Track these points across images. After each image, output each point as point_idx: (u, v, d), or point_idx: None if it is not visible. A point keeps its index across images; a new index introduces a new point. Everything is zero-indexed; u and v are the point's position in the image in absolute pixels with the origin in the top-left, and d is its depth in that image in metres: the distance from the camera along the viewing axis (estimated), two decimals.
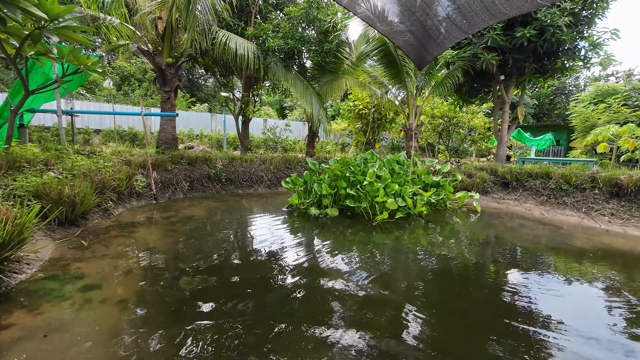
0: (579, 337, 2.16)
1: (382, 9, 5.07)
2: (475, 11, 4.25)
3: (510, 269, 3.42)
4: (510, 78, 9.13)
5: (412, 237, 4.58)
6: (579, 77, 20.95)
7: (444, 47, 5.60)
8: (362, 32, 8.77)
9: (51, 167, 4.64)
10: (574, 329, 2.25)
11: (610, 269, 3.50)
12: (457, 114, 12.64)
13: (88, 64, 4.59)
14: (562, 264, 3.67)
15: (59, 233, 3.67)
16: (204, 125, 18.25)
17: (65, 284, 2.60)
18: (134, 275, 2.83)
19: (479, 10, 4.24)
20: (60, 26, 4.10)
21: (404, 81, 9.50)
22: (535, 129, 18.45)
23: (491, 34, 7.83)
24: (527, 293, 2.82)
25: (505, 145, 9.72)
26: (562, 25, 7.23)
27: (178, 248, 3.64)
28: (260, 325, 2.14)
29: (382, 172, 5.88)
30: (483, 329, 2.25)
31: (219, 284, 2.75)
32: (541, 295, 2.78)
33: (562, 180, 6.63)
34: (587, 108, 13.18)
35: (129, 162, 6.14)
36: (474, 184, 7.76)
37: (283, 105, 30.02)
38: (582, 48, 8.28)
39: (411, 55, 6.22)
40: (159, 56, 7.29)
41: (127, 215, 4.97)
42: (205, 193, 7.09)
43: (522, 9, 4.09)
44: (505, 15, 4.22)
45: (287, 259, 3.42)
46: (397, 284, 2.96)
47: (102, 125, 14.67)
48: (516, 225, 5.57)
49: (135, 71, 22.29)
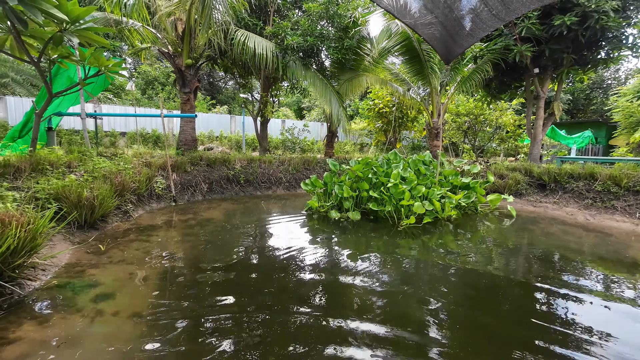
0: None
1: (405, 2, 4.74)
2: None
3: (550, 283, 3.00)
4: (546, 71, 8.44)
5: (440, 245, 4.21)
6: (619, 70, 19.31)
7: (476, 38, 5.14)
8: (385, 27, 8.40)
9: (73, 169, 4.66)
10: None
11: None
12: (483, 111, 11.93)
13: (109, 66, 4.59)
14: (618, 279, 3.18)
15: (78, 236, 3.63)
16: (223, 126, 18.47)
17: (78, 292, 2.49)
18: (150, 284, 2.68)
19: None
20: (81, 28, 4.10)
21: (427, 77, 9.04)
22: (569, 125, 17.17)
23: (526, 23, 7.23)
24: (572, 312, 2.42)
25: (539, 143, 9.01)
26: (609, 10, 6.54)
27: (195, 254, 3.50)
28: (280, 345, 1.90)
29: (407, 174, 5.52)
30: (515, 348, 1.89)
31: (236, 295, 2.54)
32: (587, 316, 2.36)
33: (610, 182, 5.97)
34: (631, 102, 12.04)
35: (149, 163, 6.15)
36: (506, 186, 7.20)
37: (301, 106, 29.96)
38: (629, 35, 7.49)
39: (438, 49, 5.79)
40: (179, 58, 7.29)
41: (147, 217, 4.92)
42: (224, 195, 7.01)
43: None
44: None
45: (308, 270, 3.18)
46: (422, 297, 2.64)
47: (127, 128, 15.16)
48: (557, 231, 5.04)
49: (159, 75, 22.97)
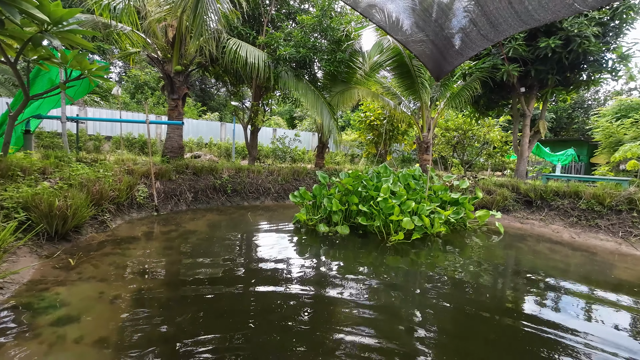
0: None
1: (397, 19, 4.79)
2: (504, 17, 3.91)
3: (540, 307, 2.94)
4: (532, 90, 8.70)
5: (430, 263, 4.13)
6: (599, 91, 20.22)
7: (466, 57, 5.22)
8: (377, 41, 8.52)
9: (48, 176, 4.41)
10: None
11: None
12: (472, 126, 12.18)
13: (92, 69, 4.42)
14: (607, 303, 3.15)
15: (46, 249, 3.38)
16: (213, 133, 18.24)
17: (38, 315, 2.27)
18: (121, 305, 2.48)
19: (508, 17, 3.89)
20: (63, 30, 3.94)
21: (418, 92, 9.16)
22: (553, 143, 17.73)
23: (512, 44, 7.46)
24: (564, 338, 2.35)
25: (525, 160, 9.20)
26: (590, 36, 6.82)
27: (175, 270, 3.30)
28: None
29: (396, 188, 5.48)
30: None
31: (218, 318, 2.37)
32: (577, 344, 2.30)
33: (594, 201, 6.08)
34: (611, 123, 12.53)
35: (131, 171, 5.91)
36: (494, 202, 7.25)
37: (293, 115, 30.04)
38: (609, 60, 7.82)
39: (429, 66, 5.88)
40: (168, 64, 7.16)
41: (125, 228, 4.67)
42: (209, 205, 6.79)
43: (558, 15, 3.72)
44: (538, 21, 3.84)
45: (294, 289, 3.03)
46: (410, 322, 2.52)
47: (113, 132, 14.76)
48: (545, 249, 5.04)
49: (150, 79, 22.65)
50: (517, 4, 3.63)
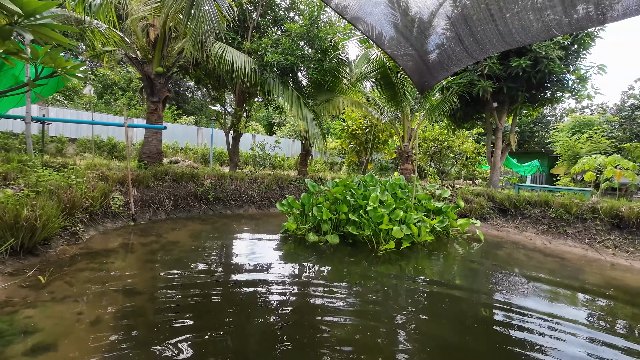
0: None
1: (380, 32, 4.94)
2: (489, 38, 4.16)
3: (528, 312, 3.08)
4: (503, 105, 9.30)
5: (422, 271, 4.19)
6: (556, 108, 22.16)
7: (449, 72, 5.49)
8: (363, 53, 8.72)
9: (11, 182, 3.96)
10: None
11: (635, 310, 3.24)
12: (448, 137, 12.78)
13: (67, 67, 4.07)
14: (587, 306, 3.37)
15: (10, 265, 3.00)
16: (189, 138, 17.56)
17: (7, 343, 1.98)
18: (102, 328, 2.24)
19: (492, 37, 4.14)
20: (36, 23, 3.61)
21: (400, 103, 9.46)
22: (519, 155, 19.08)
23: (488, 62, 7.96)
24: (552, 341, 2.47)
25: (498, 170, 9.75)
26: (555, 58, 7.45)
27: (159, 286, 3.06)
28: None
29: (384, 197, 5.55)
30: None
31: (206, 338, 2.21)
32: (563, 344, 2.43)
33: (562, 210, 6.55)
34: (569, 138, 13.71)
35: (106, 177, 5.49)
36: (472, 210, 7.58)
37: (272, 121, 29.75)
38: (569, 80, 8.58)
39: (414, 79, 6.07)
40: (149, 65, 6.81)
41: (99, 240, 4.30)
42: (190, 213, 6.47)
43: (537, 38, 4.01)
44: (519, 43, 4.13)
45: (285, 305, 2.92)
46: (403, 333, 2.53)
47: (79, 134, 13.69)
48: (521, 256, 5.32)
49: (120, 80, 21.45)
50: (502, 25, 3.85)
